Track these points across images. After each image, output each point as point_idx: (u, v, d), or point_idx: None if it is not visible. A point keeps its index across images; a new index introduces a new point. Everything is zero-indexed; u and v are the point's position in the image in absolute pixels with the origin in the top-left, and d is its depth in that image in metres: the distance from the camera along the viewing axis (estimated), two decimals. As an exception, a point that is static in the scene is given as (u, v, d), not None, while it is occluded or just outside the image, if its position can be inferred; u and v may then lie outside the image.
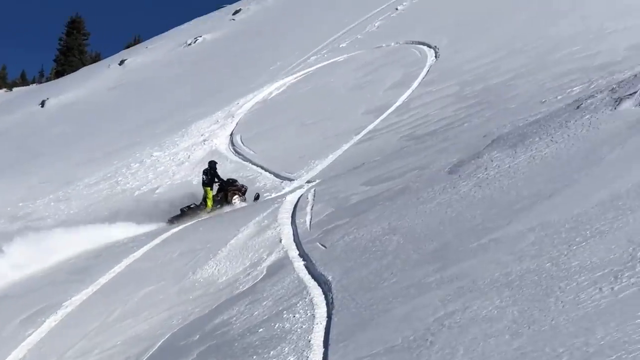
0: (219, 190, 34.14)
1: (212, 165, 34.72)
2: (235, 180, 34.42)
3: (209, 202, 33.44)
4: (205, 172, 34.68)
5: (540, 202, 14.96)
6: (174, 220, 33.09)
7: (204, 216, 32.70)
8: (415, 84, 43.96)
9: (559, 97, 26.23)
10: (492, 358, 9.98)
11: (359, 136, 36.68)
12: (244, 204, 33.19)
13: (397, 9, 66.96)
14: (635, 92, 18.83)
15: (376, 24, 64.77)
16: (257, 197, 32.59)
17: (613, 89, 20.90)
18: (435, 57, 48.94)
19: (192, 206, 33.85)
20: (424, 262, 14.84)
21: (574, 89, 27.10)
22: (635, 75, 21.21)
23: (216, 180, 34.10)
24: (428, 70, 46.16)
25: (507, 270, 12.32)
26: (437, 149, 25.31)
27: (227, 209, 32.88)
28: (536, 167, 17.33)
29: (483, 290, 12.10)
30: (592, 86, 25.79)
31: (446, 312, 11.99)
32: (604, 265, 10.83)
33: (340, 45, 62.58)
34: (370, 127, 38.26)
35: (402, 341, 11.83)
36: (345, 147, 35.89)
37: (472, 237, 14.74)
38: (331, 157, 34.89)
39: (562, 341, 9.46)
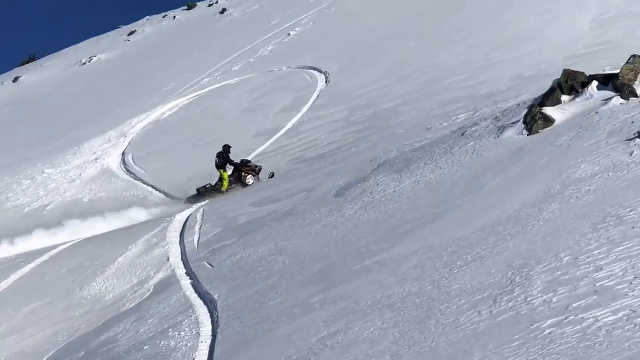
0: (233, 171, 33.99)
1: (226, 148, 34.54)
2: (249, 161, 34.49)
3: (225, 183, 33.43)
4: (218, 155, 34.54)
5: (423, 226, 15.06)
6: (191, 199, 33.05)
7: (219, 195, 32.58)
8: (305, 108, 44.03)
9: (444, 124, 26.49)
10: (370, 378, 10.00)
11: (249, 157, 36.55)
12: (259, 178, 33.24)
13: (289, 34, 66.97)
14: (518, 121, 19.10)
15: (268, 48, 64.68)
16: (271, 175, 32.35)
17: (497, 117, 21.18)
18: (326, 82, 49.01)
19: (207, 186, 33.58)
20: (309, 282, 14.83)
21: (460, 116, 27.39)
22: (519, 105, 21.50)
23: (230, 162, 33.99)
24: (318, 95, 46.24)
25: (389, 292, 12.34)
26: (324, 172, 25.37)
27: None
28: (420, 192, 17.45)
29: (365, 311, 12.10)
30: (477, 114, 26.10)
31: (329, 333, 11.98)
32: (483, 289, 10.90)
33: (233, 68, 62.34)
34: (260, 149, 38.30)
35: (284, 360, 11.80)
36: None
37: (356, 259, 14.76)
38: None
39: (441, 363, 9.49)
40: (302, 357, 11.60)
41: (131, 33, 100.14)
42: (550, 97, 19.44)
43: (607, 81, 18.95)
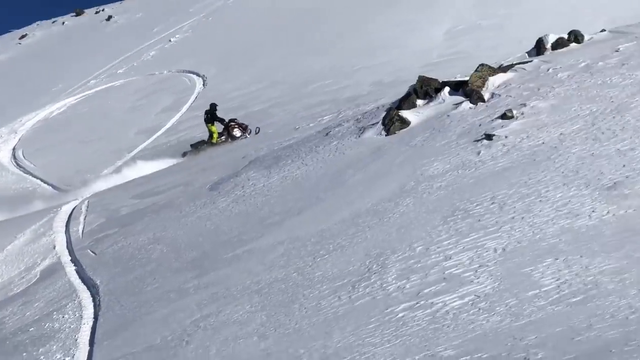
0: (223, 129, 33.63)
1: (213, 106, 34.45)
2: (236, 119, 34.15)
3: (215, 135, 33.39)
4: (206, 112, 34.45)
5: (290, 218, 14.98)
6: (186, 154, 32.74)
7: (210, 148, 32.63)
8: (184, 108, 43.81)
9: (310, 125, 26.48)
10: (241, 357, 9.88)
11: (132, 154, 36.10)
12: (246, 136, 32.82)
13: (170, 40, 66.39)
14: (377, 123, 19.15)
15: (151, 54, 64.03)
16: (258, 131, 32.33)
17: (358, 119, 21.22)
18: (204, 85, 48.79)
19: (200, 142, 33.46)
20: (184, 269, 14.66)
21: (324, 118, 27.43)
22: (378, 108, 21.60)
23: (217, 119, 33.90)
24: (196, 97, 46.01)
25: (257, 279, 12.24)
26: (200, 168, 25.14)
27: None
28: (288, 187, 17.37)
29: (235, 296, 11.97)
30: (340, 116, 26.16)
31: (202, 315, 11.84)
32: (343, 276, 10.87)
33: (118, 71, 61.58)
34: (142, 146, 37.82)
35: (161, 341, 11.64)
36: (119, 163, 35.26)
37: (227, 248, 14.62)
38: (106, 172, 34.22)
39: (304, 343, 9.42)
40: (177, 337, 11.44)
41: (23, 37, 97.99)
42: (406, 101, 19.55)
43: (458, 87, 19.16)
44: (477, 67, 19.43)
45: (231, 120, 33.71)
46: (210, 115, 34.02)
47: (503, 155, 13.84)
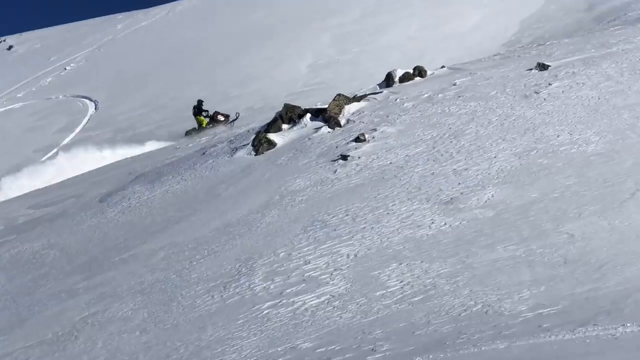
0: (210, 119, 34.58)
1: (199, 102, 35.32)
2: (218, 111, 34.89)
3: (204, 122, 34.44)
4: (194, 107, 35.20)
5: (170, 227, 14.79)
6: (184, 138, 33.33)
7: (203, 132, 33.43)
8: (77, 129, 43.02)
9: (190, 145, 26.26)
10: (125, 350, 9.68)
11: (29, 169, 35.11)
12: (230, 121, 33.59)
13: (65, 68, 65.19)
14: (247, 144, 19.10)
15: (48, 80, 62.70)
16: (237, 116, 33.63)
17: (231, 140, 21.15)
18: (95, 108, 48.02)
19: (192, 129, 34.20)
20: (75, 272, 14.27)
21: (202, 139, 27.25)
22: (249, 131, 21.56)
23: (203, 111, 34.93)
24: (89, 119, 45.25)
25: (141, 280, 12.03)
26: (91, 182, 24.57)
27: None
28: (169, 199, 17.16)
29: (121, 295, 11.73)
30: (216, 137, 26.02)
31: (90, 313, 11.55)
32: (216, 278, 10.78)
33: (17, 95, 60.09)
34: (39, 162, 36.84)
35: (52, 336, 11.30)
36: (18, 178, 34.22)
37: (114, 253, 14.33)
38: (5, 186, 33.18)
39: (180, 337, 9.29)
40: (67, 332, 11.12)
41: None
42: (273, 125, 19.56)
43: (318, 114, 19.26)
44: (335, 97, 19.58)
45: (215, 112, 34.79)
46: (198, 109, 35.02)
47: (356, 173, 13.96)
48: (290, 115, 19.77)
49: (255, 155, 18.34)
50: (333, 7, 66.31)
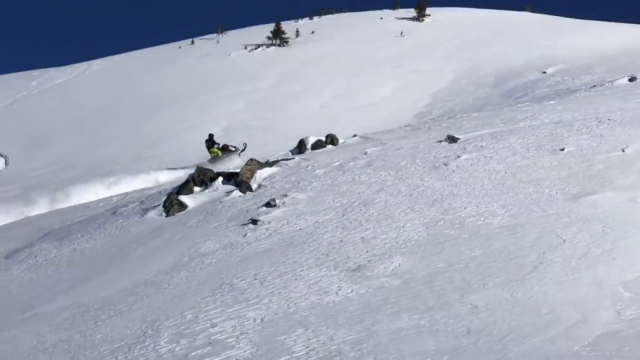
0: (222, 150, 38.14)
1: (211, 136, 38.79)
2: (226, 144, 38.72)
3: (219, 153, 37.83)
4: (206, 141, 38.70)
5: (77, 286, 14.49)
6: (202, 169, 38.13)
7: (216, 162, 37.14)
8: (-14, 184, 42.11)
9: (100, 204, 25.87)
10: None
11: None
12: (239, 152, 37.22)
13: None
14: (159, 205, 18.97)
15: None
16: (245, 146, 37.27)
17: (143, 201, 20.97)
18: (6, 164, 47.20)
19: (208, 161, 36.73)
20: (-28, 330, 13.83)
21: (113, 198, 26.89)
22: (160, 192, 21.44)
23: (215, 144, 38.41)
24: (-2, 174, 44.44)
25: (43, 339, 11.70)
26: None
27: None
28: (77, 258, 16.85)
29: (23, 354, 11.39)
30: (127, 197, 25.72)
31: (-13, 372, 11.19)
32: (121, 339, 10.56)
33: None
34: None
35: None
36: None
37: (18, 311, 13.93)
38: None
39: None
40: (-37, 394, 10.76)
41: None
42: (185, 187, 19.49)
43: (230, 178, 19.30)
44: (247, 161, 19.68)
45: (225, 145, 38.46)
46: (210, 142, 38.39)
47: (266, 238, 13.95)
48: (202, 178, 19.75)
49: (166, 216, 18.22)
50: (249, 73, 66.87)
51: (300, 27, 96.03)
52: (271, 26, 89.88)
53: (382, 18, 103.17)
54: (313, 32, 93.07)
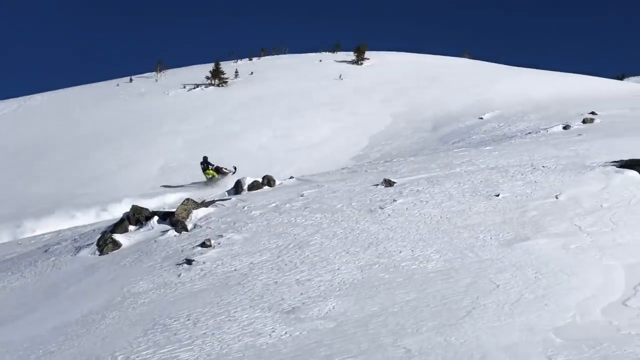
0: (216, 171, 41.63)
1: (205, 158, 41.89)
2: (219, 166, 42.19)
3: (215, 174, 41.31)
4: (201, 163, 41.82)
5: (5, 325, 14.20)
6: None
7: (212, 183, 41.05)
8: None
9: (32, 242, 25.50)
10: None
11: None
12: (230, 172, 41.20)
13: None
14: (92, 243, 18.76)
15: None
16: (235, 169, 41.26)
17: (76, 239, 20.72)
18: None
19: (205, 181, 41.10)
20: None
21: (45, 236, 26.53)
22: (94, 230, 21.20)
23: (210, 165, 41.70)
24: None
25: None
26: None
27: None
28: (6, 296, 16.51)
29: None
30: (60, 235, 25.38)
31: None
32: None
33: None
34: None
35: None
36: None
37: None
38: None
39: None
40: None
41: None
42: (120, 226, 19.31)
43: (165, 217, 19.17)
44: (183, 201, 19.58)
45: (217, 167, 41.72)
46: (206, 164, 41.22)
47: (200, 278, 13.87)
48: (137, 216, 19.59)
49: (99, 255, 18.00)
50: (187, 112, 66.76)
51: (240, 68, 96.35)
52: (210, 66, 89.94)
53: (321, 60, 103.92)
54: (252, 73, 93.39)
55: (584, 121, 36.60)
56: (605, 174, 17.92)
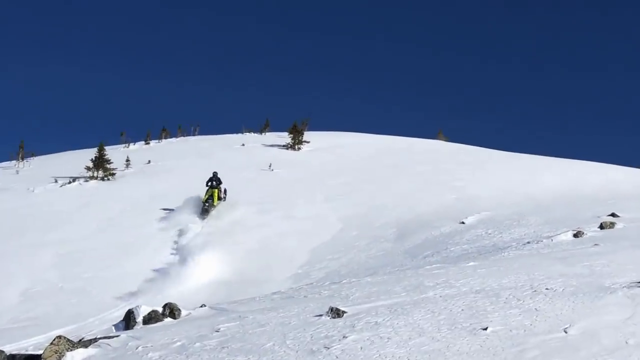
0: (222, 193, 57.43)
1: (215, 174, 55.58)
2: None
3: (215, 199, 55.38)
4: (211, 180, 55.68)
5: None
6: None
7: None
8: None
9: None
10: None
11: None
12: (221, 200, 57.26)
13: None
14: None
15: None
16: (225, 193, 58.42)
17: None
18: None
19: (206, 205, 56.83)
20: None
21: None
22: None
23: (220, 183, 55.80)
24: None
25: None
26: None
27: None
28: None
29: None
30: None
31: None
32: None
33: None
34: None
35: None
36: None
37: None
38: None
39: None
40: None
41: None
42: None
43: (29, 362, 18.93)
44: (54, 339, 19.34)
45: (220, 190, 55.43)
46: (216, 182, 51.96)
47: None
48: (-10, 363, 19.34)
49: None
50: (59, 216, 66.53)
51: (132, 154, 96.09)
52: (92, 152, 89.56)
53: (244, 144, 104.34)
54: (149, 161, 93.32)
55: (601, 226, 37.11)
56: (630, 298, 18.14)
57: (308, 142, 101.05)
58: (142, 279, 46.92)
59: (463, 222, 51.49)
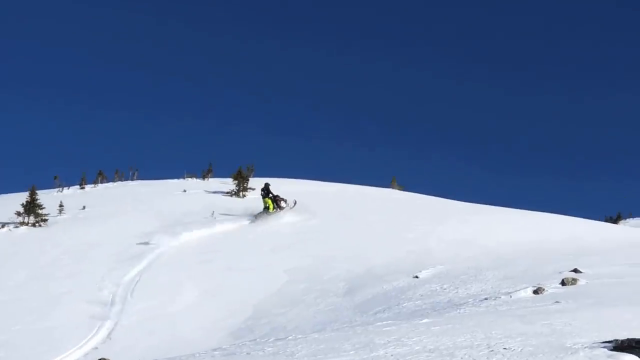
0: (273, 202, 59.12)
1: (266, 185, 61.84)
2: (278, 195, 64.30)
3: (271, 206, 60.72)
4: (262, 190, 63.10)
5: None
6: (253, 219, 69.44)
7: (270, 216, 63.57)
8: None
9: None
10: None
11: None
12: (290, 205, 64.20)
13: None
14: None
15: None
16: (295, 203, 63.35)
17: None
18: None
19: (260, 213, 61.88)
20: None
21: None
22: None
23: (270, 194, 60.04)
24: None
25: None
26: None
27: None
28: None
29: None
30: None
31: None
32: None
33: None
34: None
35: None
36: None
37: None
38: None
39: None
40: None
41: None
42: None
43: None
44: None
45: (275, 196, 57.48)
46: (266, 192, 56.47)
47: None
48: None
49: None
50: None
51: (66, 199, 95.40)
52: (23, 196, 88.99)
53: (185, 190, 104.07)
54: (84, 207, 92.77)
55: (563, 282, 37.22)
56: (592, 359, 18.12)
57: (253, 189, 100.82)
58: (74, 332, 46.51)
59: (417, 277, 51.52)
